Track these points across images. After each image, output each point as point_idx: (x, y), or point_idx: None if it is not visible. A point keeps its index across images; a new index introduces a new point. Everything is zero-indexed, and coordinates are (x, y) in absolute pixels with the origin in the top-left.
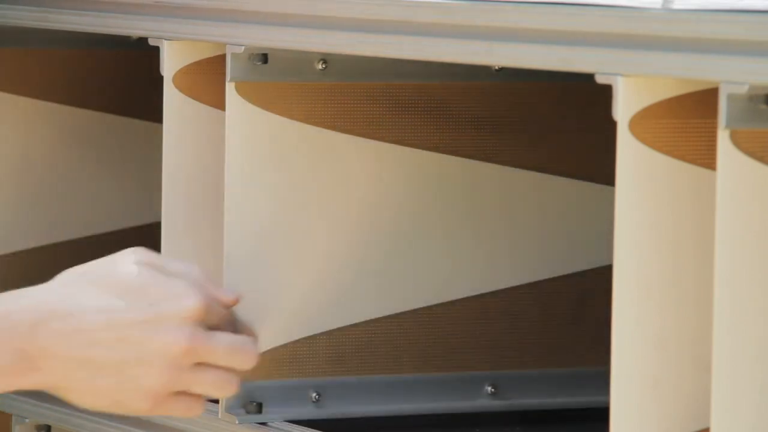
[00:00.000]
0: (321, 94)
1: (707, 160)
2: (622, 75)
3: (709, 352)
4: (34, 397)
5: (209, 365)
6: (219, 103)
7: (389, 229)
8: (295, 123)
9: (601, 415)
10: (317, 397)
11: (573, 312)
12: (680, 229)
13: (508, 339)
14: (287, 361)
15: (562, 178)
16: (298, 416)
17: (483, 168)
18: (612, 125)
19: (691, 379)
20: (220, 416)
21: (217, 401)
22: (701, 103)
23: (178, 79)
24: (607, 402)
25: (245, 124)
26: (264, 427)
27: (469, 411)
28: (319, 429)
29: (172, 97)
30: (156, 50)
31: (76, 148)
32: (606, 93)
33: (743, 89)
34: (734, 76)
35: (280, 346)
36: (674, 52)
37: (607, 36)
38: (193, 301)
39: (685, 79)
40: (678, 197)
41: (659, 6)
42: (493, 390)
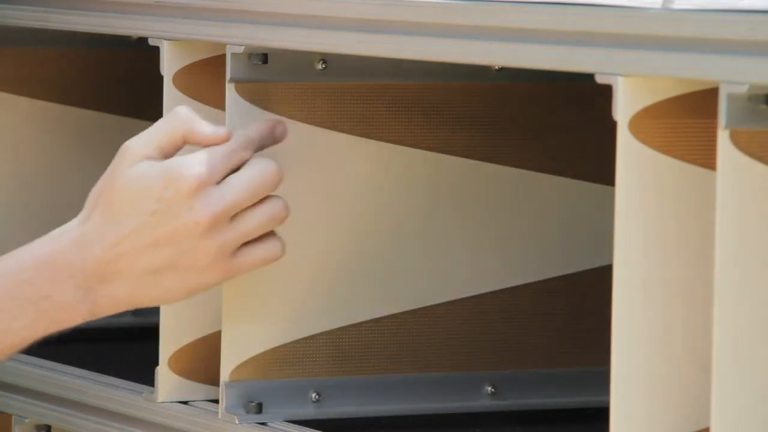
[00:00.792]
0: (321, 94)
1: (707, 160)
2: (622, 75)
3: (709, 352)
4: (34, 397)
5: (245, 211)
6: (219, 103)
7: (389, 229)
8: (295, 123)
9: (601, 415)
10: (317, 397)
11: (573, 312)
12: (680, 229)
13: (508, 339)
14: (287, 361)
15: (562, 178)
16: (298, 416)
17: (482, 168)
18: (612, 125)
19: (691, 379)
20: (220, 416)
21: (216, 401)
22: (701, 103)
23: (178, 79)
24: (607, 402)
25: (245, 124)
26: (264, 427)
27: (469, 411)
28: (319, 429)
29: (172, 97)
30: (156, 50)
31: (76, 148)
32: (606, 93)
33: (743, 89)
34: (734, 76)
35: (280, 346)
36: (674, 52)
37: (607, 36)
38: (190, 175)
39: (685, 79)
40: (678, 197)
41: (659, 6)
42: (493, 390)
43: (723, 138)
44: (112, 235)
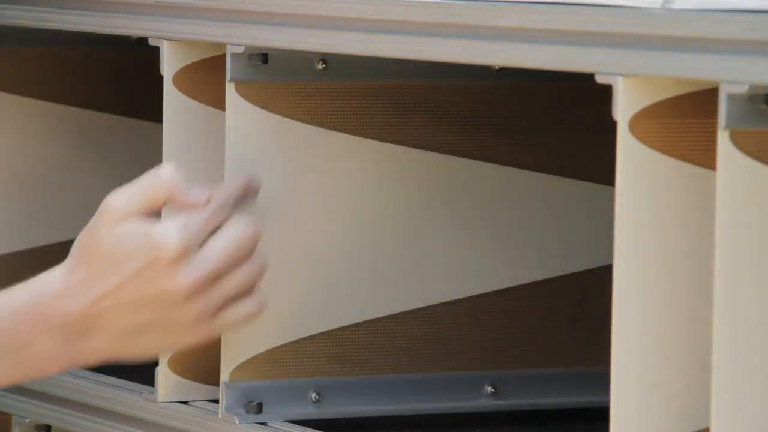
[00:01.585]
0: (321, 94)
1: (707, 160)
2: (622, 75)
3: (709, 352)
4: (34, 397)
5: (225, 274)
6: (219, 103)
7: (389, 229)
8: (295, 123)
9: (601, 415)
10: (317, 397)
11: (573, 312)
12: (680, 229)
13: (508, 339)
14: (287, 361)
15: (562, 178)
16: (298, 416)
17: (483, 168)
18: (612, 125)
19: (691, 379)
20: (220, 416)
21: (216, 401)
22: (701, 103)
23: (178, 79)
24: (607, 402)
25: (245, 124)
26: (264, 427)
27: (469, 411)
28: (319, 429)
29: (172, 97)
30: (156, 50)
31: (76, 148)
32: (606, 93)
33: (743, 89)
34: (734, 76)
35: (280, 346)
36: (674, 52)
37: (607, 36)
38: (171, 245)
39: (685, 79)
40: (678, 197)
41: (659, 6)
42: (493, 390)
43: (723, 138)
44: (95, 292)
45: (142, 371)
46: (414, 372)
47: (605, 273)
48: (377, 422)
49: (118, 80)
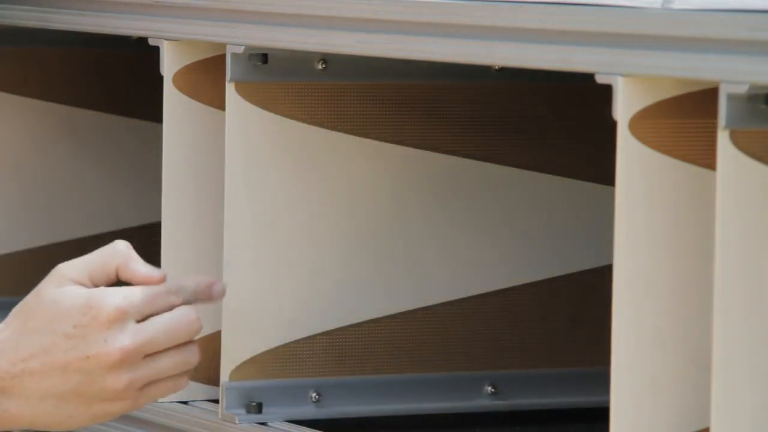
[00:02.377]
0: (321, 94)
1: (707, 160)
2: (622, 75)
3: (709, 351)
4: None
5: (159, 352)
6: (219, 103)
7: (389, 229)
8: (295, 123)
9: (601, 415)
10: (317, 397)
11: (573, 312)
12: (680, 229)
13: (508, 339)
14: (287, 361)
15: (562, 178)
16: (298, 416)
17: (483, 168)
18: (612, 125)
19: (691, 379)
20: (220, 416)
21: (216, 401)
22: (701, 103)
23: (178, 79)
24: (607, 402)
25: (245, 124)
26: (264, 427)
27: (469, 411)
28: (319, 429)
29: (172, 97)
30: (156, 50)
31: (76, 148)
32: (606, 93)
33: (743, 89)
34: (734, 76)
35: (280, 346)
36: (674, 52)
37: (607, 36)
38: (109, 305)
39: (685, 79)
40: (678, 197)
41: (659, 6)
42: (493, 390)
43: (723, 138)
44: (23, 350)
45: None
46: (414, 372)
47: (605, 273)
48: (377, 422)
49: (118, 80)
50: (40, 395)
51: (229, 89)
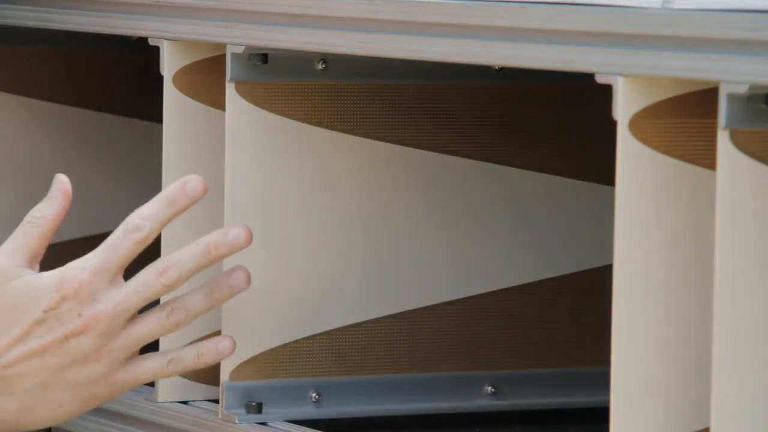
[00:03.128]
0: (321, 94)
1: (707, 160)
2: (622, 75)
3: (709, 352)
4: None
5: (137, 316)
6: (219, 103)
7: (389, 229)
8: (295, 123)
9: (601, 415)
10: (317, 397)
11: (573, 312)
12: (680, 229)
13: (508, 339)
14: (287, 361)
15: (562, 178)
16: (298, 416)
17: (483, 168)
18: (612, 125)
19: (691, 379)
20: (220, 416)
21: (216, 401)
22: (701, 103)
23: (178, 79)
24: (607, 402)
25: (245, 124)
26: (264, 427)
27: (469, 411)
28: (319, 429)
29: (172, 97)
30: (156, 50)
31: (76, 148)
32: (606, 93)
33: (743, 89)
34: (734, 76)
35: (280, 346)
36: (674, 52)
37: (607, 36)
38: (73, 280)
39: (685, 79)
40: (678, 197)
41: (659, 6)
42: (493, 390)
43: (723, 138)
44: None
45: None
46: (414, 372)
47: (605, 273)
48: (377, 422)
49: (118, 80)
50: (25, 388)
51: (229, 89)
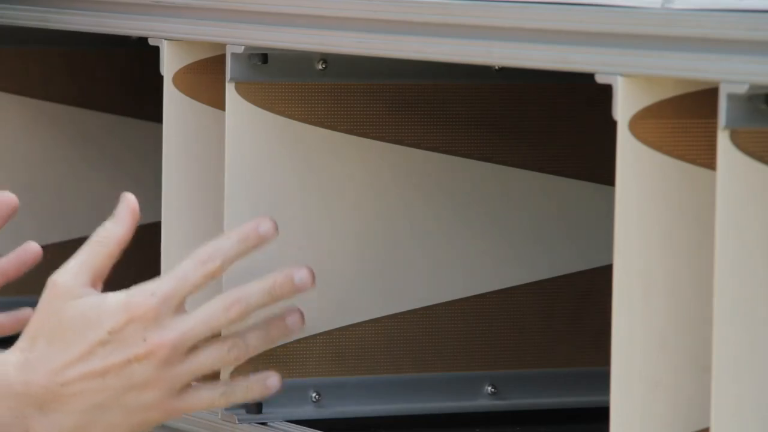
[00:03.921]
0: (321, 94)
1: (707, 160)
2: (622, 75)
3: (709, 352)
4: None
5: (199, 347)
6: (219, 103)
7: (389, 229)
8: (295, 123)
9: (601, 415)
10: (317, 397)
11: (573, 312)
12: (680, 229)
13: (508, 339)
14: (287, 361)
15: (562, 178)
16: (298, 416)
17: (483, 168)
18: (612, 125)
19: (691, 379)
20: (220, 416)
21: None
22: (701, 103)
23: (178, 79)
24: (607, 402)
25: (245, 124)
26: (264, 427)
27: (469, 411)
28: (319, 429)
29: (172, 97)
30: (156, 50)
31: (76, 148)
32: (606, 93)
33: (743, 89)
34: (734, 76)
35: (280, 346)
36: (674, 52)
37: (607, 36)
38: (141, 305)
39: (685, 79)
40: (678, 197)
41: (659, 6)
42: (493, 390)
43: (723, 138)
44: (59, 360)
45: None
46: (413, 372)
47: (605, 273)
48: (377, 422)
49: (118, 80)
50: (81, 407)
51: (229, 89)
